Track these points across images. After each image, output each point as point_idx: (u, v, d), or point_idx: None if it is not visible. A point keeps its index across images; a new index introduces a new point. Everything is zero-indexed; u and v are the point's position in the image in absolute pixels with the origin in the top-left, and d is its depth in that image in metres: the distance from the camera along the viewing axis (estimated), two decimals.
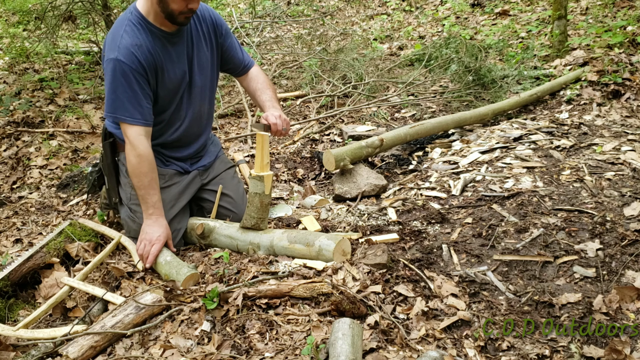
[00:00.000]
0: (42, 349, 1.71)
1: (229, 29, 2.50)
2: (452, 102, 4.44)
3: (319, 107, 4.64)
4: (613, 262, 1.99)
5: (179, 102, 2.35)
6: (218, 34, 2.42)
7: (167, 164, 2.44)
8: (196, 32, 2.33)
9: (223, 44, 2.46)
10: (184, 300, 1.87)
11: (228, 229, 2.28)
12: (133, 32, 2.14)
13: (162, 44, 2.20)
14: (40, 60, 5.62)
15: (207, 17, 2.39)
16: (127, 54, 2.10)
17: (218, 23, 2.42)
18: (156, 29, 2.18)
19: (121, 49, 2.10)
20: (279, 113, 2.32)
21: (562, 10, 5.18)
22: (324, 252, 1.98)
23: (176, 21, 2.15)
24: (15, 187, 3.68)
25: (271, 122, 2.26)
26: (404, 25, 7.62)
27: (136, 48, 2.11)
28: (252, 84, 2.56)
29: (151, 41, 2.17)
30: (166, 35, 2.21)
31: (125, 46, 2.10)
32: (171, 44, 2.24)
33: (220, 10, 7.86)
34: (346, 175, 3.11)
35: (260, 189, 2.10)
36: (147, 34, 2.17)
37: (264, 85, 2.52)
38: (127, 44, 2.11)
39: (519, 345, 1.69)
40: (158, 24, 2.18)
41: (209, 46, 2.40)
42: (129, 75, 2.10)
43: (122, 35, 2.13)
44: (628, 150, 2.92)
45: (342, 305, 1.71)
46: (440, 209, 2.60)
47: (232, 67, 2.56)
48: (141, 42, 2.13)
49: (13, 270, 2.20)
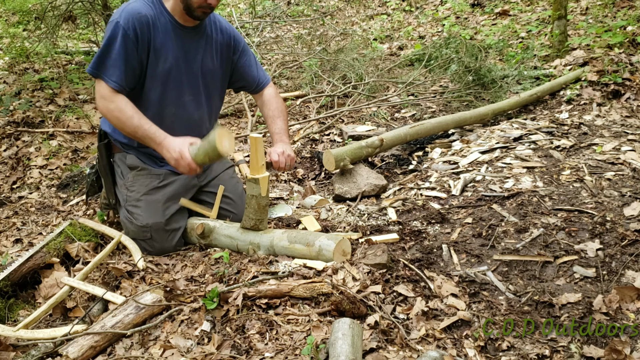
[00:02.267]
0: (42, 349, 1.71)
1: (248, 47, 2.52)
2: (452, 102, 4.45)
3: (319, 107, 4.64)
4: (613, 262, 1.99)
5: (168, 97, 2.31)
6: (233, 49, 2.45)
7: (160, 165, 2.43)
8: (210, 39, 2.35)
9: (237, 61, 2.48)
10: (184, 300, 1.87)
11: (228, 229, 2.28)
12: (142, 2, 2.18)
13: (168, 28, 2.22)
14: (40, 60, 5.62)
15: (226, 31, 2.42)
16: (127, 19, 2.12)
17: (236, 40, 2.45)
18: (169, 15, 2.22)
19: (124, 12, 2.13)
20: (282, 149, 2.35)
21: (562, 10, 5.18)
22: (324, 252, 1.98)
23: (193, 14, 2.18)
24: (15, 187, 3.68)
25: (273, 160, 2.31)
26: (404, 25, 7.62)
27: (138, 16, 2.13)
28: (265, 109, 2.59)
29: (158, 19, 2.19)
30: (177, 25, 2.24)
31: (129, 11, 2.13)
32: (178, 35, 2.25)
33: (221, 10, 7.86)
34: (346, 175, 3.11)
35: (256, 191, 2.11)
36: (157, 12, 2.20)
37: (275, 114, 2.54)
38: (131, 10, 2.14)
39: (519, 345, 1.69)
40: (173, 12, 2.23)
41: (219, 58, 2.42)
42: (121, 39, 2.12)
43: (131, 2, 2.18)
44: (628, 150, 2.92)
45: (342, 305, 1.71)
46: (440, 209, 2.60)
47: (245, 84, 2.59)
48: (146, 13, 2.16)
49: (13, 271, 2.20)
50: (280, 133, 2.48)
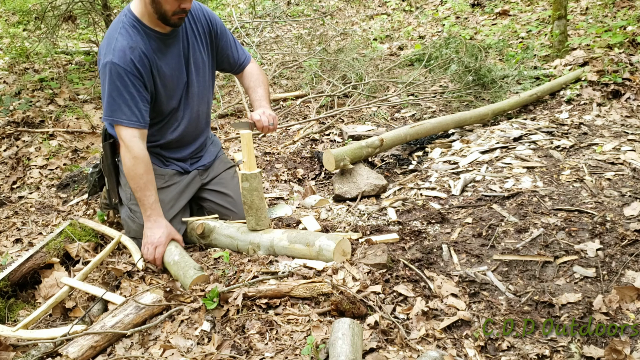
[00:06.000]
0: (42, 349, 1.71)
1: (224, 26, 2.49)
2: (452, 102, 4.44)
3: (319, 107, 4.64)
4: (613, 262, 1.99)
5: (177, 103, 2.34)
6: (213, 34, 2.42)
7: (166, 164, 2.44)
8: (191, 32, 2.34)
9: (218, 43, 2.46)
10: (184, 300, 1.87)
11: (228, 229, 2.29)
12: (127, 34, 2.14)
13: (157, 45, 2.20)
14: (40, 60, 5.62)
15: (202, 17, 2.38)
16: (122, 57, 2.10)
17: (213, 22, 2.41)
18: (151, 30, 2.18)
19: (116, 51, 2.10)
20: (262, 111, 2.33)
21: (562, 10, 5.18)
22: (324, 252, 1.98)
23: (169, 22, 2.15)
24: (15, 187, 3.68)
25: (255, 119, 2.28)
26: (404, 25, 7.62)
27: (131, 50, 2.11)
28: (246, 81, 2.58)
29: (146, 42, 2.16)
30: (161, 37, 2.21)
31: (120, 49, 2.10)
32: (166, 45, 2.23)
33: (220, 11, 7.86)
34: (346, 175, 3.11)
35: (248, 186, 2.13)
36: (141, 35, 2.16)
37: (256, 83, 2.53)
38: (122, 46, 2.11)
39: (519, 345, 1.69)
40: (152, 25, 2.18)
41: (205, 46, 2.41)
42: (124, 77, 2.10)
43: (116, 38, 2.13)
44: (628, 150, 2.92)
45: (342, 305, 1.71)
46: (440, 209, 2.60)
47: (227, 66, 2.57)
48: (135, 44, 2.13)
49: (13, 271, 2.20)
50: (259, 99, 2.46)
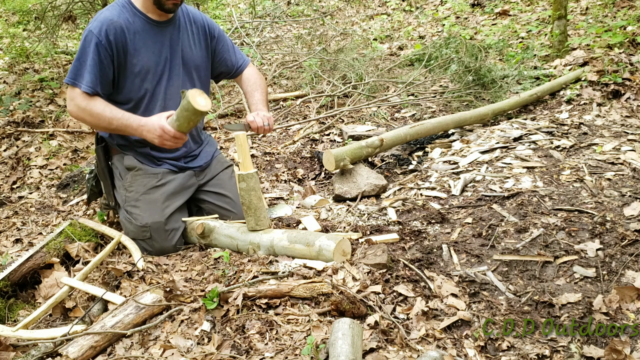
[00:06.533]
0: (42, 349, 1.71)
1: (223, 31, 2.54)
2: (452, 102, 4.45)
3: (319, 107, 4.64)
4: (613, 262, 1.99)
5: (153, 92, 2.33)
6: (210, 36, 2.47)
7: (158, 164, 2.44)
8: (185, 29, 2.37)
9: (215, 46, 2.50)
10: (184, 300, 1.87)
11: (228, 228, 2.28)
12: (114, 9, 2.22)
13: (142, 26, 2.24)
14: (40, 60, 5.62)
15: (199, 20, 2.44)
16: (99, 27, 2.15)
17: (210, 26, 2.47)
18: (141, 14, 2.24)
19: (96, 22, 2.17)
20: (257, 112, 2.35)
21: (562, 10, 5.18)
22: (324, 252, 1.98)
23: (164, 7, 2.21)
24: (15, 187, 3.68)
25: (249, 120, 2.31)
26: (404, 25, 7.62)
27: (109, 23, 2.17)
28: (244, 85, 2.61)
29: (131, 22, 2.22)
30: (150, 21, 2.26)
31: (102, 20, 2.17)
32: (153, 30, 2.27)
33: (220, 10, 7.86)
34: (346, 175, 3.11)
35: (245, 186, 2.13)
36: (129, 14, 2.23)
37: (253, 87, 2.55)
38: (103, 17, 2.18)
39: (519, 345, 1.69)
40: (145, 11, 2.25)
41: (200, 47, 2.43)
42: (94, 47, 2.15)
43: (103, 12, 2.22)
44: (628, 150, 2.92)
45: (342, 305, 1.71)
46: (440, 209, 2.60)
47: (225, 69, 2.59)
48: (118, 18, 2.19)
49: (13, 271, 2.20)
50: (256, 103, 2.49)
